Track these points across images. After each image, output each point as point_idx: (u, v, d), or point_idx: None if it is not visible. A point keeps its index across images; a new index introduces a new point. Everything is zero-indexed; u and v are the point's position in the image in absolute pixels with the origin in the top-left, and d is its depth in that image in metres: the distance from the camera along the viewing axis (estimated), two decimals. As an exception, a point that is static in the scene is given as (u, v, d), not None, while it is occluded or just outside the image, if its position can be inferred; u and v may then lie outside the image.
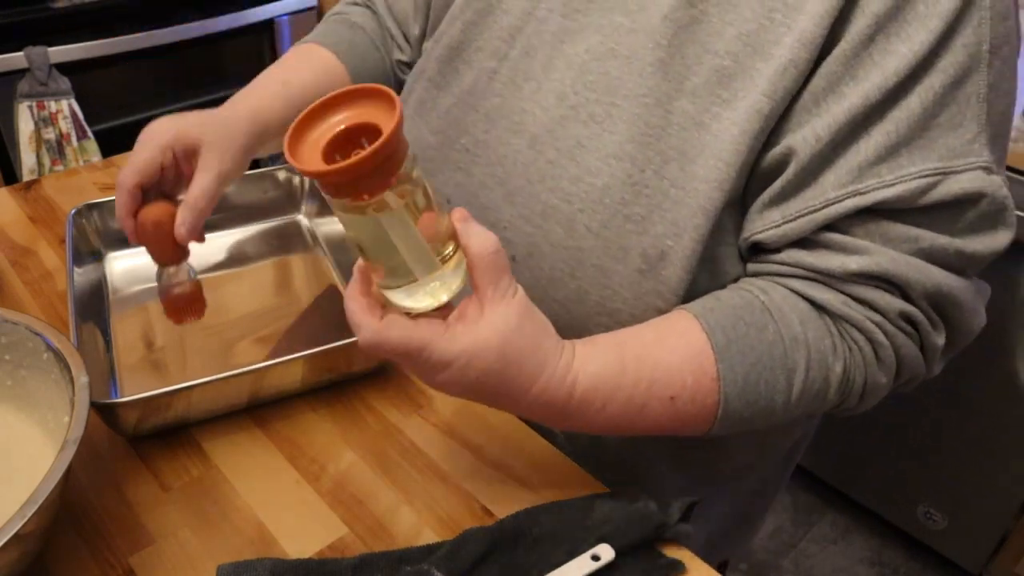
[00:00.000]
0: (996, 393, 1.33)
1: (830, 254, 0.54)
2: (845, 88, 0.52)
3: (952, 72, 0.51)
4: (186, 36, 1.67)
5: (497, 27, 0.66)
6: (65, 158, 1.55)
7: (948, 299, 0.54)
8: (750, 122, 0.54)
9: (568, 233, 0.59)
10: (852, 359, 0.55)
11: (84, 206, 0.80)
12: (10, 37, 1.46)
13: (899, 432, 1.49)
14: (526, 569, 0.53)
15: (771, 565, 1.59)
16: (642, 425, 0.54)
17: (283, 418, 0.65)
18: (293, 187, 0.88)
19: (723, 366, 0.53)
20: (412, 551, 0.54)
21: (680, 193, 0.56)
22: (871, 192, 0.52)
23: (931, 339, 0.56)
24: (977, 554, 1.47)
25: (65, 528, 0.56)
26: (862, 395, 0.57)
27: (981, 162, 0.52)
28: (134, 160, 0.64)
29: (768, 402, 0.54)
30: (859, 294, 0.54)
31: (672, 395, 0.53)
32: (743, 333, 0.53)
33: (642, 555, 0.55)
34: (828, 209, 0.53)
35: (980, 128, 0.52)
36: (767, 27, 0.54)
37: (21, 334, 0.57)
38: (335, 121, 0.46)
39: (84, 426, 0.49)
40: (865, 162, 0.52)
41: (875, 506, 1.61)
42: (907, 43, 0.51)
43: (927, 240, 0.53)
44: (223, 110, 0.69)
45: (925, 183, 0.51)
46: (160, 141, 0.64)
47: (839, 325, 0.55)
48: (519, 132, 0.63)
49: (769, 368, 0.53)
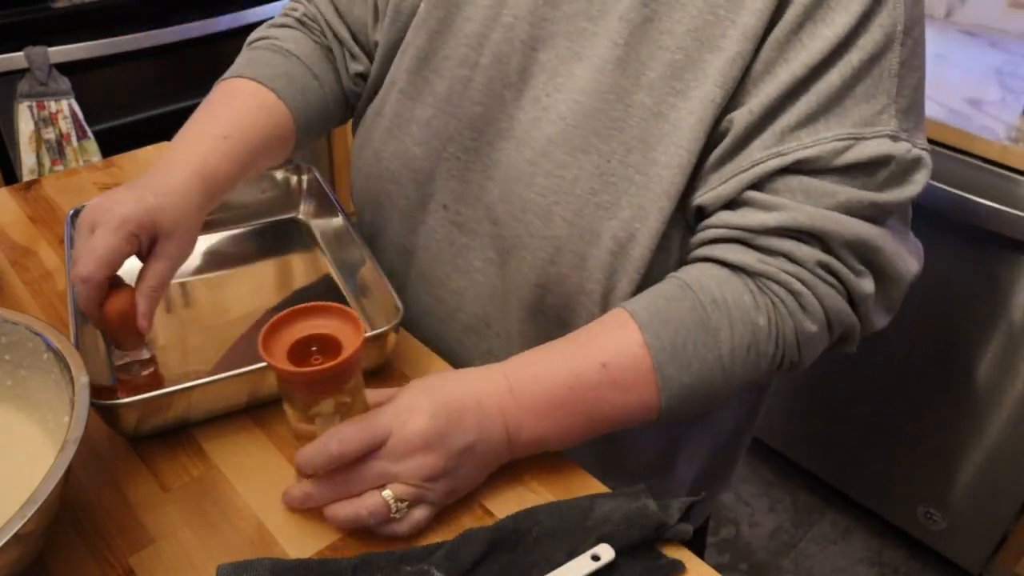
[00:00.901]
0: (996, 393, 1.34)
1: (752, 211, 0.59)
2: (778, 69, 0.58)
3: (869, 49, 0.57)
4: (186, 36, 1.67)
5: (462, 35, 0.69)
6: (65, 158, 1.55)
7: (868, 246, 0.59)
8: (705, 111, 0.59)
9: (546, 224, 0.64)
10: (776, 311, 0.59)
11: (83, 207, 0.80)
12: (10, 37, 1.46)
13: (899, 432, 1.49)
14: (526, 569, 0.53)
15: (771, 565, 1.59)
16: (590, 398, 0.57)
17: (283, 418, 0.65)
18: (291, 186, 0.88)
19: (648, 334, 0.57)
20: (412, 551, 0.54)
21: (644, 179, 0.61)
22: (791, 153, 0.58)
23: (857, 287, 0.60)
24: (977, 554, 1.47)
25: (65, 528, 0.56)
26: (798, 346, 0.60)
27: (888, 130, 0.58)
28: (94, 250, 0.57)
29: (702, 363, 0.58)
30: (776, 247, 0.59)
31: (603, 361, 0.57)
32: (663, 307, 0.59)
33: (642, 555, 0.55)
34: (754, 169, 0.59)
35: (890, 100, 0.58)
36: (712, 22, 0.59)
37: (21, 334, 0.57)
38: (303, 327, 0.54)
39: (84, 426, 0.49)
40: (787, 127, 0.58)
41: (875, 506, 1.61)
42: (831, 26, 0.57)
43: (844, 194, 0.58)
44: (170, 178, 0.63)
45: (840, 145, 0.57)
46: (122, 228, 0.58)
47: (757, 282, 0.59)
48: (507, 137, 0.67)
49: (694, 332, 0.58)
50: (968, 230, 1.25)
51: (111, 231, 0.57)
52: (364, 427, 0.54)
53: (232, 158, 0.67)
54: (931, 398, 1.42)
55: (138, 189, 0.61)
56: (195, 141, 0.67)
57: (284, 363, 0.52)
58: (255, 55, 0.76)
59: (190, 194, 0.63)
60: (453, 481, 0.56)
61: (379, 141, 0.75)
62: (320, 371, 0.51)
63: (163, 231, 0.60)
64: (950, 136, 1.23)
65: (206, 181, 0.64)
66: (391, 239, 0.77)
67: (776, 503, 1.71)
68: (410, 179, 0.73)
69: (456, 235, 0.71)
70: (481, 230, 0.70)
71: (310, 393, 0.54)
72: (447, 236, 0.72)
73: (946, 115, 1.25)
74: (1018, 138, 1.20)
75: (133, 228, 0.58)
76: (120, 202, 0.59)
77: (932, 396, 1.42)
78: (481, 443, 0.56)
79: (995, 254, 1.25)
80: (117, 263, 0.58)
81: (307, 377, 0.52)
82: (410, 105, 0.72)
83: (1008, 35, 1.60)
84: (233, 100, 0.71)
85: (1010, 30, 1.61)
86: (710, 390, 0.59)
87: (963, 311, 1.32)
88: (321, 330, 0.54)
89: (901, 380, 1.45)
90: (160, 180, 0.62)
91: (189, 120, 0.70)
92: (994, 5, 1.61)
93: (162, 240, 0.61)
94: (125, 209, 0.58)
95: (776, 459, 1.77)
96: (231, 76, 0.74)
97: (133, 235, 0.58)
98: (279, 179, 0.88)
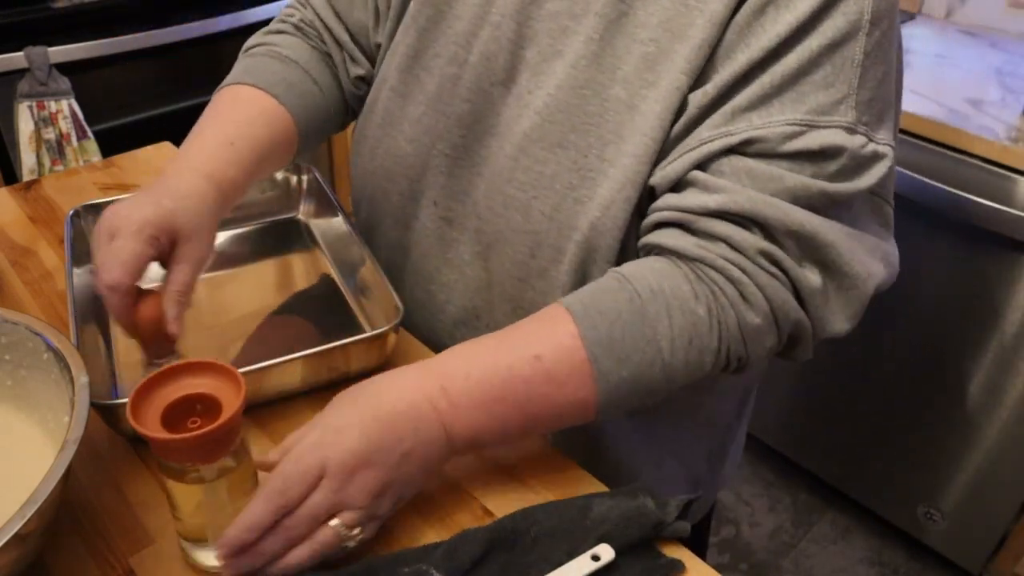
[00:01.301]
0: (996, 393, 1.34)
1: (694, 193, 0.58)
2: (737, 53, 0.57)
3: (831, 35, 0.55)
4: (186, 36, 1.67)
5: (451, 32, 0.69)
6: (65, 158, 1.55)
7: (814, 239, 0.56)
8: (670, 98, 0.58)
9: (525, 219, 0.64)
10: (716, 302, 0.57)
11: (82, 207, 0.80)
12: (10, 37, 1.46)
13: (899, 432, 1.49)
14: (524, 569, 0.53)
15: (771, 565, 1.59)
16: (524, 392, 0.55)
17: (283, 418, 0.65)
18: (291, 187, 0.89)
19: (583, 326, 0.55)
20: (410, 552, 0.54)
21: (614, 171, 0.61)
22: (739, 133, 0.56)
23: (803, 279, 0.57)
24: (977, 554, 1.47)
25: (65, 528, 0.56)
26: (743, 340, 0.58)
27: (844, 122, 0.56)
28: (119, 256, 0.56)
29: (641, 356, 0.55)
30: (716, 231, 0.57)
31: (536, 354, 0.55)
32: (599, 299, 0.57)
33: (641, 555, 0.55)
34: (701, 148, 0.58)
35: (851, 90, 0.56)
36: (683, 12, 0.59)
37: (21, 334, 0.57)
38: (179, 387, 0.50)
39: (84, 426, 0.49)
40: (739, 108, 0.57)
41: (875, 506, 1.61)
42: (792, 12, 0.56)
43: (791, 180, 0.56)
44: (183, 183, 0.63)
45: (791, 130, 0.56)
46: (142, 232, 0.57)
47: (696, 269, 0.57)
48: (494, 134, 0.67)
49: (631, 323, 0.56)
50: (968, 230, 1.25)
51: (132, 236, 0.57)
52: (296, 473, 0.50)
53: (240, 165, 0.67)
54: (931, 398, 1.42)
55: (153, 194, 0.60)
56: (204, 148, 0.67)
57: (157, 429, 0.47)
58: (254, 62, 0.76)
59: (205, 197, 0.63)
60: (399, 489, 0.54)
61: (373, 138, 0.75)
62: (198, 436, 0.46)
63: (183, 234, 0.60)
64: (950, 136, 1.23)
65: (219, 186, 0.64)
66: (386, 235, 0.78)
67: (776, 503, 1.71)
68: (403, 176, 0.73)
69: (446, 230, 0.72)
70: (468, 225, 0.70)
71: (188, 460, 0.49)
72: (437, 231, 0.72)
73: (946, 115, 1.25)
74: (1018, 138, 1.20)
75: (153, 231, 0.58)
76: (138, 207, 0.58)
77: (932, 396, 1.42)
78: (420, 446, 0.54)
79: (994, 254, 1.25)
80: (142, 268, 0.58)
81: (184, 444, 0.47)
82: (401, 103, 0.72)
83: (1008, 35, 1.60)
84: (237, 107, 0.71)
85: (1010, 30, 1.61)
86: (650, 385, 0.57)
87: (962, 311, 1.32)
88: (198, 389, 0.50)
89: (901, 380, 1.45)
90: (174, 185, 0.62)
91: (195, 128, 0.70)
92: (994, 5, 1.61)
93: (182, 243, 0.60)
94: (144, 214, 0.58)
95: (776, 459, 1.77)
96: (232, 83, 0.74)
97: (154, 238, 0.58)
98: (279, 179, 0.88)
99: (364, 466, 0.52)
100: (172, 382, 0.50)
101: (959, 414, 1.39)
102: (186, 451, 0.48)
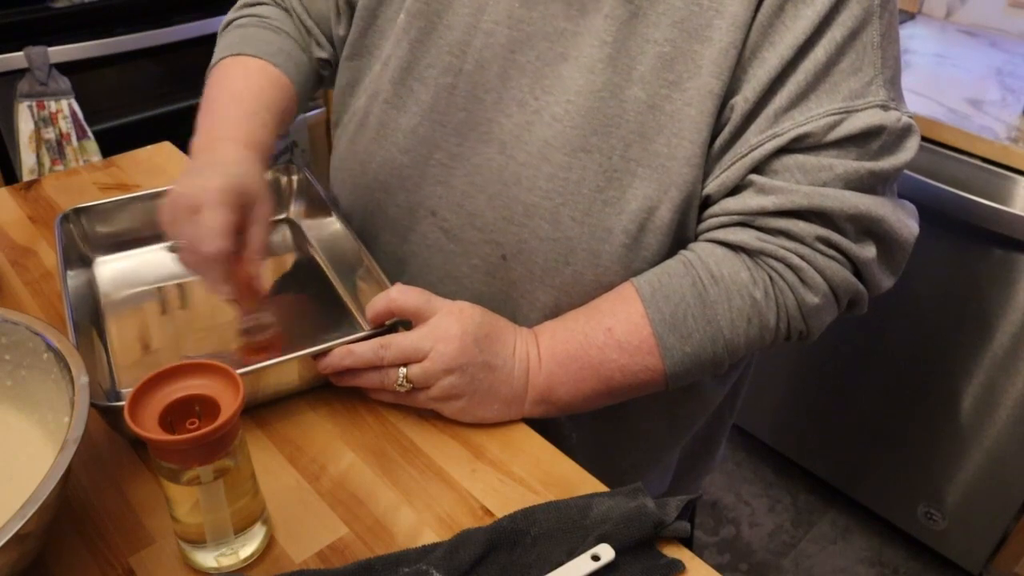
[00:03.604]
0: (996, 393, 1.34)
1: (751, 195, 0.62)
2: (765, 53, 0.60)
3: (850, 25, 0.59)
4: (186, 36, 1.67)
5: (444, 43, 0.69)
6: (65, 158, 1.55)
7: (869, 217, 0.61)
8: (704, 102, 0.61)
9: (554, 226, 0.65)
10: (774, 285, 0.62)
11: (71, 211, 0.79)
12: (10, 37, 1.46)
13: (899, 432, 1.49)
14: (524, 569, 0.53)
15: (771, 565, 1.59)
16: (596, 358, 0.63)
17: (283, 418, 0.65)
18: (281, 187, 0.88)
19: (650, 308, 0.62)
20: (409, 552, 0.54)
21: (646, 171, 0.63)
22: (786, 133, 0.60)
23: (860, 255, 0.62)
24: (977, 554, 1.47)
25: (65, 528, 0.56)
26: (803, 317, 0.63)
27: (878, 101, 0.60)
28: (214, 227, 0.59)
29: (702, 334, 0.62)
30: (773, 226, 0.61)
31: (608, 326, 0.63)
32: (665, 282, 0.63)
33: (642, 555, 0.55)
34: (752, 154, 0.61)
35: (876, 71, 0.60)
36: (697, 12, 0.61)
37: (21, 334, 0.57)
38: (176, 389, 0.50)
39: (84, 426, 0.49)
40: (780, 109, 0.60)
41: (875, 506, 1.61)
42: (811, 6, 0.59)
43: (840, 167, 0.60)
44: (230, 153, 0.66)
45: (832, 120, 0.59)
46: (226, 202, 0.60)
47: (755, 259, 0.62)
48: (489, 142, 0.67)
49: (693, 304, 0.62)
50: (968, 230, 1.25)
51: (219, 206, 0.60)
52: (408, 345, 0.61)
53: (267, 130, 0.72)
54: (931, 398, 1.42)
55: (213, 167, 0.63)
56: (231, 119, 0.71)
57: (155, 431, 0.47)
58: (251, 33, 0.80)
59: (255, 163, 0.67)
60: (463, 385, 0.62)
61: (364, 152, 0.75)
62: (196, 438, 0.46)
63: (253, 198, 0.64)
64: (950, 136, 1.23)
65: (257, 152, 0.69)
66: (382, 248, 0.77)
67: (776, 503, 1.71)
68: (399, 187, 0.73)
69: (445, 241, 0.72)
70: (465, 237, 0.70)
71: (186, 461, 0.49)
72: (437, 243, 0.72)
73: (946, 115, 1.26)
74: (1018, 138, 1.20)
75: (235, 199, 0.61)
76: (210, 180, 0.61)
77: (932, 396, 1.42)
78: (503, 372, 0.63)
79: (995, 254, 1.25)
80: (234, 234, 0.61)
81: (182, 445, 0.47)
82: (395, 115, 0.72)
83: (1008, 35, 1.60)
84: (250, 78, 0.76)
85: (1010, 30, 1.61)
86: (713, 358, 0.63)
87: (963, 311, 1.32)
88: (196, 391, 0.50)
89: (901, 380, 1.45)
90: (224, 157, 0.66)
91: (211, 101, 0.74)
92: (994, 5, 1.61)
93: (253, 206, 0.64)
94: (219, 183, 0.61)
95: (776, 459, 1.77)
96: (233, 54, 0.78)
97: (238, 205, 0.61)
98: (268, 180, 0.87)
99: (456, 341, 0.61)
100: (170, 383, 0.50)
101: (959, 414, 1.39)
102: (184, 452, 0.48)
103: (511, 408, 0.64)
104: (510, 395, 0.64)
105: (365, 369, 0.63)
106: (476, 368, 0.62)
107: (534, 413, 0.65)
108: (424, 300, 0.64)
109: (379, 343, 0.62)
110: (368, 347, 0.62)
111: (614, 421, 0.73)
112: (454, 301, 0.65)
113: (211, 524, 0.52)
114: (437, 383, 0.62)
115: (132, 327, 0.74)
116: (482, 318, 0.64)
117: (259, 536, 0.55)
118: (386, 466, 0.62)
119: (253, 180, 0.64)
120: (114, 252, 0.81)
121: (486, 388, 0.63)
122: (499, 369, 0.63)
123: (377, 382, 0.63)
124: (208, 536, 0.52)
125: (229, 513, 0.51)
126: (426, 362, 0.62)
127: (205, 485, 0.50)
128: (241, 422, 0.51)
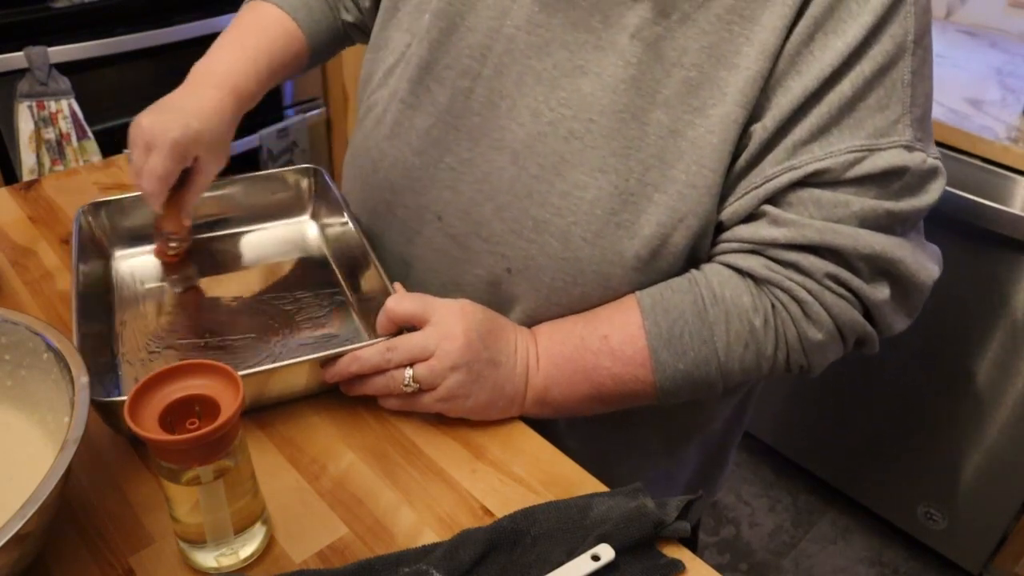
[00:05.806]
0: (996, 393, 1.34)
1: (764, 226, 0.60)
2: (790, 82, 0.58)
3: (880, 60, 0.57)
4: (186, 36, 1.67)
5: (464, 45, 0.68)
6: (65, 158, 1.55)
7: (885, 258, 0.59)
8: (727, 131, 0.59)
9: (564, 245, 0.63)
10: (776, 315, 0.61)
11: (91, 205, 0.79)
12: (10, 37, 1.46)
13: (899, 432, 1.49)
14: (524, 569, 0.53)
15: (771, 565, 1.59)
16: (590, 362, 0.62)
17: (283, 418, 0.65)
18: (301, 189, 0.88)
19: (648, 320, 0.61)
20: (409, 552, 0.54)
21: (663, 196, 0.61)
22: (803, 167, 0.58)
23: (871, 296, 0.60)
24: (977, 554, 1.47)
25: (65, 528, 0.56)
26: (804, 351, 0.62)
27: (903, 141, 0.58)
28: (155, 171, 0.69)
29: (697, 353, 0.61)
30: (784, 258, 0.60)
31: (605, 333, 0.62)
32: (667, 296, 0.62)
33: (642, 555, 0.55)
34: (767, 184, 0.59)
35: (904, 110, 0.58)
36: (727, 39, 0.59)
37: (21, 334, 0.57)
38: (176, 388, 0.50)
39: (84, 426, 0.49)
40: (799, 141, 0.58)
41: (875, 506, 1.61)
42: (842, 37, 0.57)
43: (857, 204, 0.58)
44: (208, 100, 0.73)
45: (853, 157, 0.57)
46: (174, 152, 0.69)
47: (761, 286, 0.61)
48: (500, 149, 0.66)
49: (691, 322, 0.61)
50: (968, 230, 1.25)
51: (166, 155, 0.68)
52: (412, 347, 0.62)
53: (259, 78, 0.78)
54: (931, 398, 1.42)
55: (181, 113, 0.70)
56: (229, 62, 0.77)
57: (154, 431, 0.47)
58: None
59: (225, 113, 0.73)
60: (467, 383, 0.61)
61: (377, 150, 0.74)
62: (195, 438, 0.47)
63: (206, 151, 0.71)
64: (950, 136, 1.23)
65: (239, 100, 0.75)
66: (389, 249, 0.76)
67: (776, 503, 1.71)
68: (408, 189, 0.72)
69: (451, 247, 0.70)
70: (471, 245, 0.69)
71: (186, 461, 0.49)
72: (443, 248, 0.71)
73: (946, 115, 1.26)
74: (1018, 138, 1.20)
75: (183, 151, 0.69)
76: (169, 126, 0.68)
77: (932, 396, 1.42)
78: (506, 369, 0.63)
79: (995, 254, 1.25)
80: (172, 180, 0.70)
81: (182, 445, 0.47)
82: (410, 114, 0.71)
83: (1008, 35, 1.60)
84: (261, 26, 0.81)
85: (1010, 30, 1.61)
86: (706, 379, 0.62)
87: (963, 311, 1.32)
88: (197, 391, 0.50)
89: (901, 380, 1.45)
90: (199, 103, 0.72)
91: (222, 39, 0.81)
92: (994, 5, 1.61)
93: (203, 158, 0.72)
94: (175, 135, 0.68)
95: (776, 459, 1.77)
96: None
97: (184, 157, 0.70)
98: (290, 182, 0.87)
99: (460, 339, 0.61)
100: (170, 383, 0.50)
101: (959, 414, 1.39)
102: (184, 452, 0.48)
103: (513, 405, 0.64)
104: (513, 392, 0.64)
105: (371, 375, 0.63)
106: (482, 365, 0.62)
107: (532, 412, 0.65)
108: (420, 304, 0.63)
109: (385, 346, 0.62)
110: (375, 351, 0.62)
111: (609, 427, 0.73)
112: (454, 300, 0.64)
113: (211, 524, 0.52)
114: (443, 382, 0.61)
115: (140, 325, 0.74)
116: (483, 315, 0.64)
117: (259, 536, 0.55)
118: (386, 466, 0.62)
119: (212, 137, 0.71)
120: (133, 247, 0.82)
121: (491, 385, 0.63)
122: (503, 366, 0.63)
123: (383, 386, 0.63)
124: (208, 536, 0.52)
125: (229, 513, 0.51)
126: (432, 360, 0.61)
127: (205, 485, 0.50)
128: (241, 422, 0.51)
